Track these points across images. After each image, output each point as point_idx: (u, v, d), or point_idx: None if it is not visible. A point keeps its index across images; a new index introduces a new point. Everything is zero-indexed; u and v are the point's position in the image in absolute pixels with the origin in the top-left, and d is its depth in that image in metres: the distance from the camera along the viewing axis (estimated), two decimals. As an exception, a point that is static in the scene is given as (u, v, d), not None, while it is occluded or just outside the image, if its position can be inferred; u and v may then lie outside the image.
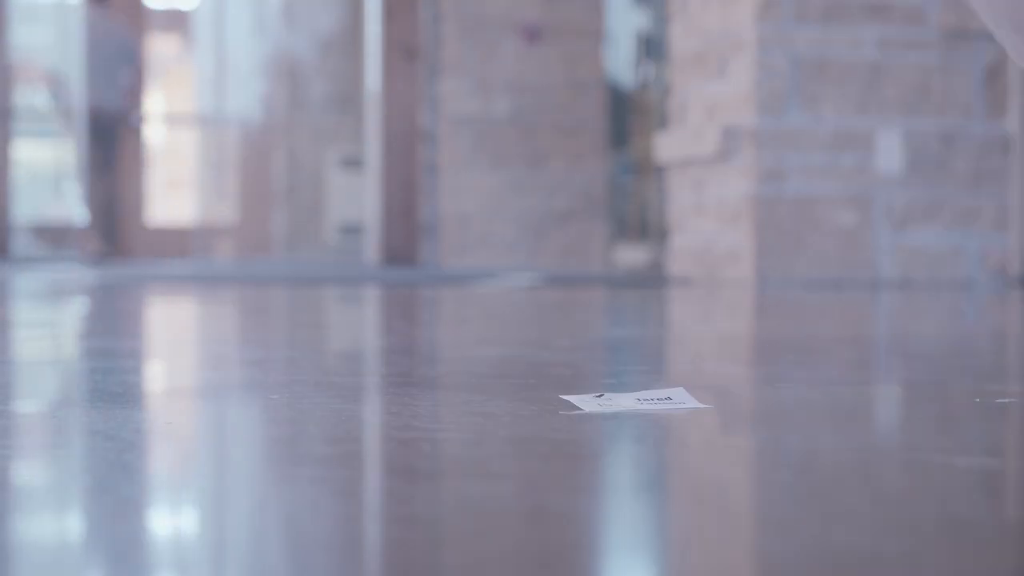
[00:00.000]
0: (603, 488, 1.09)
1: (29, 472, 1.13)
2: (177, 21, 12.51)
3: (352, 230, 9.73)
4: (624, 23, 8.94)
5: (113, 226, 9.56)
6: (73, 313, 3.58)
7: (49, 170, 10.78)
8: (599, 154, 8.27)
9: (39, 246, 10.44)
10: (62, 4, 10.58)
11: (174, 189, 12.19)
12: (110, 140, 9.53)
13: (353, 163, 9.78)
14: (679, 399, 1.51)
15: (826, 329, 3.09)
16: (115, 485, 1.08)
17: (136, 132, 11.53)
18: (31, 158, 10.76)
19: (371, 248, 7.97)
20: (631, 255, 8.55)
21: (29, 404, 1.58)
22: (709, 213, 5.73)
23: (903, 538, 0.87)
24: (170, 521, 0.94)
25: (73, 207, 10.07)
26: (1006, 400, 1.59)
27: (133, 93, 9.89)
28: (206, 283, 5.38)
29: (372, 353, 2.38)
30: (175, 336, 2.75)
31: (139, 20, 11.76)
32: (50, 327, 3.00)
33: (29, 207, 10.66)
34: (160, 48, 12.31)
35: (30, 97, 10.58)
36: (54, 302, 4.08)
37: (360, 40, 8.94)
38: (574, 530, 0.91)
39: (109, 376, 1.90)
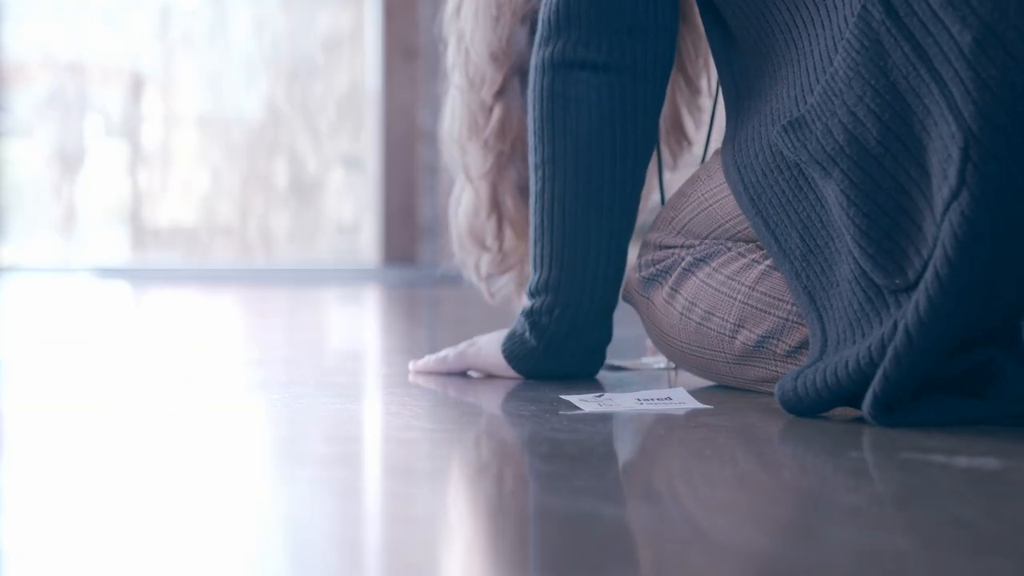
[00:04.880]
0: (604, 488, 1.09)
1: (33, 472, 1.13)
2: (177, 21, 12.51)
3: (352, 230, 9.73)
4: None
5: None
6: (67, 311, 3.58)
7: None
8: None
9: None
10: None
11: (174, 189, 12.20)
12: None
13: (353, 163, 9.78)
14: (679, 399, 1.51)
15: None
16: (112, 485, 1.08)
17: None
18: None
19: (371, 248, 7.96)
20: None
21: (30, 404, 1.58)
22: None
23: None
24: (168, 521, 0.94)
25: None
26: None
27: None
28: (204, 282, 5.38)
29: (372, 353, 2.38)
30: (172, 335, 2.75)
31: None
32: (43, 327, 3.00)
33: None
34: (160, 48, 12.32)
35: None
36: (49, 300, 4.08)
37: (360, 40, 8.94)
38: (575, 530, 0.91)
39: (105, 374, 1.90)
